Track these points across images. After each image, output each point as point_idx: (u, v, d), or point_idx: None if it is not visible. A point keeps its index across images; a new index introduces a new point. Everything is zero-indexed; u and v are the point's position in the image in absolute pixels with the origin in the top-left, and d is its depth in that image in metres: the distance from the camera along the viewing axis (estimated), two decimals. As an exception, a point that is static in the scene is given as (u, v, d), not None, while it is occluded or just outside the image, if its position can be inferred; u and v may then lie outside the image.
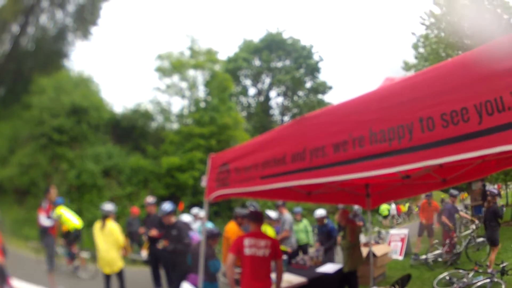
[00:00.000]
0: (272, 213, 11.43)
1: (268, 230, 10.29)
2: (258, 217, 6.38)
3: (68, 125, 23.94)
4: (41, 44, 30.46)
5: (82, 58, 76.17)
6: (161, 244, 9.35)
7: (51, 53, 30.65)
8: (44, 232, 10.13)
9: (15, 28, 29.37)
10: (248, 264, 5.88)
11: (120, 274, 9.13)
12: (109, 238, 8.85)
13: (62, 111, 23.81)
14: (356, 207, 14.18)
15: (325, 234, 11.55)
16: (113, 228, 9.02)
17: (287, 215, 11.94)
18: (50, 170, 22.97)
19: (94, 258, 15.49)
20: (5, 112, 25.39)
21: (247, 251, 5.88)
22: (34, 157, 22.55)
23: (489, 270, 9.00)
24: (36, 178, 21.90)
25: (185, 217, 9.99)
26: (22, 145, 23.42)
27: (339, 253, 12.39)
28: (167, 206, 8.81)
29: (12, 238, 17.27)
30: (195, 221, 11.47)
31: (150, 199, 11.38)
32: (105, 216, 9.10)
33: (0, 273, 4.09)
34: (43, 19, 31.27)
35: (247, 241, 5.94)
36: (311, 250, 12.26)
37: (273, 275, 6.18)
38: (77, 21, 32.30)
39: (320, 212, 11.86)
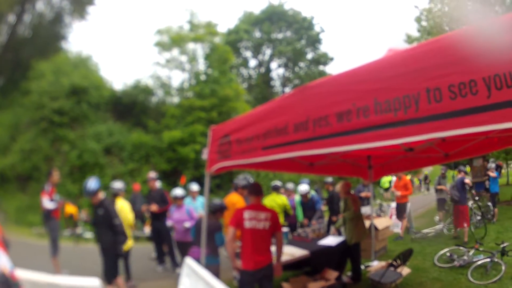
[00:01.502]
0: (290, 185, 11.52)
1: (283, 199, 10.50)
2: (258, 190, 6.26)
3: (68, 106, 23.85)
4: (38, 30, 30.29)
5: (80, 38, 75.58)
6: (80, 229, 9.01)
7: (48, 37, 30.49)
8: (48, 216, 10.04)
9: (11, 18, 29.16)
10: (248, 237, 5.82)
11: (126, 254, 9.11)
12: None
13: (62, 93, 23.72)
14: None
15: (311, 208, 11.59)
16: (123, 206, 8.98)
17: None
18: (52, 153, 22.95)
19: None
20: (5, 101, 25.32)
21: (247, 224, 5.82)
22: (35, 142, 22.52)
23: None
24: (38, 162, 21.88)
25: (178, 191, 9.83)
26: (23, 131, 23.36)
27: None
28: (92, 184, 7.84)
29: (16, 226, 17.31)
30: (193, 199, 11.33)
31: (152, 174, 11.30)
32: (114, 195, 9.05)
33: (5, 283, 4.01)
34: (39, 5, 31.07)
35: (247, 214, 5.87)
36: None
37: (273, 248, 6.16)
38: (73, 2, 32.07)
39: (304, 187, 11.70)
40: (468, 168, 16.00)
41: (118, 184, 9.31)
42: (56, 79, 23.91)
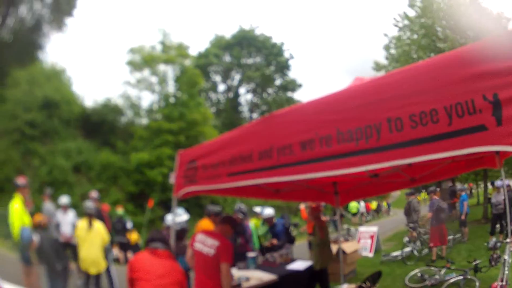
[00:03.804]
0: (258, 208, 11.39)
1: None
2: (226, 220, 6.26)
3: (40, 119, 23.57)
4: (19, 35, 29.80)
5: (55, 50, 75.29)
6: None
7: (27, 45, 29.95)
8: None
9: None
10: (196, 259, 5.85)
11: (108, 272, 8.99)
12: (96, 237, 8.66)
13: (35, 105, 23.45)
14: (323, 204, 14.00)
15: (275, 235, 11.07)
16: (100, 227, 8.87)
17: None
18: (23, 166, 22.43)
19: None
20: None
21: (196, 246, 5.85)
22: (8, 152, 22.03)
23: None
24: (10, 174, 21.18)
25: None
26: (-3, 140, 22.91)
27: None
28: (25, 233, 7.73)
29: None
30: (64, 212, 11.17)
31: (93, 194, 11.05)
32: (90, 215, 8.88)
33: None
34: (22, 9, 30.56)
35: (198, 236, 5.90)
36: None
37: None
38: (53, 11, 31.59)
39: (268, 212, 11.30)
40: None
41: (91, 205, 9.19)
42: (30, 89, 23.68)
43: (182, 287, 4.35)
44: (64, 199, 11.11)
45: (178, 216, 8.53)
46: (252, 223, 11.55)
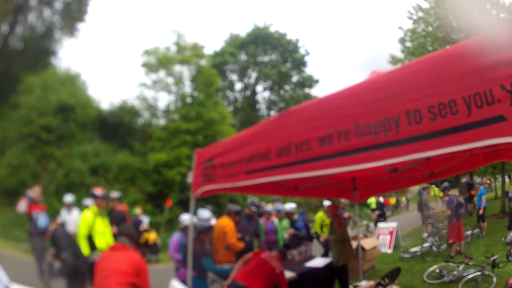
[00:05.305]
0: (268, 207, 11.39)
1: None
2: (282, 252, 6.90)
3: (55, 123, 23.66)
4: (29, 42, 29.95)
5: (69, 55, 76.09)
6: None
7: (38, 51, 30.14)
8: (31, 233, 9.89)
9: (4, 28, 28.87)
10: (255, 264, 6.07)
11: None
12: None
13: (50, 110, 23.53)
14: (343, 200, 13.89)
15: (302, 229, 11.08)
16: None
17: None
18: (39, 170, 22.66)
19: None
20: (-5, 113, 24.99)
21: (263, 255, 6.23)
22: (23, 157, 22.18)
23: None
24: (25, 178, 21.44)
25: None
26: (11, 145, 23.01)
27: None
28: (43, 221, 7.64)
29: (2, 240, 17.07)
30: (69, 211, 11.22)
31: (114, 193, 11.09)
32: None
33: None
34: (31, 17, 30.83)
35: (267, 252, 6.50)
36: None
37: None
38: (64, 18, 31.93)
39: (289, 206, 11.35)
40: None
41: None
42: (44, 94, 23.80)
43: (127, 277, 4.22)
44: (69, 198, 11.19)
45: (206, 220, 8.54)
46: (276, 219, 11.50)
